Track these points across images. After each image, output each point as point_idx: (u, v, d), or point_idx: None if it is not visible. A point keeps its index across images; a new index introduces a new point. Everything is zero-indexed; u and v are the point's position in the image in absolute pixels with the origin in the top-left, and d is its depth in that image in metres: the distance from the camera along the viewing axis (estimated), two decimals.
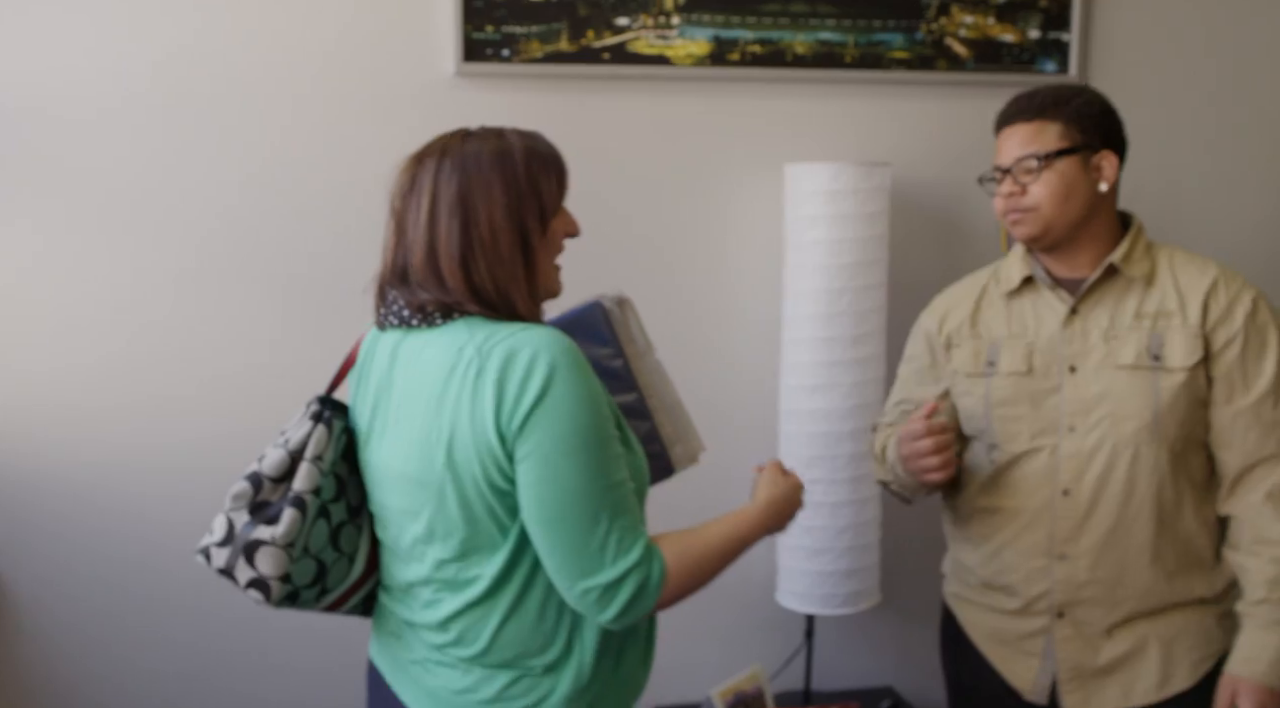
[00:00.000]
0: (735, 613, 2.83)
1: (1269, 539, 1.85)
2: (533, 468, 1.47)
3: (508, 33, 2.53)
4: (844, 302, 2.51)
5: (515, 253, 1.53)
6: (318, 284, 2.54)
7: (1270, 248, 3.00)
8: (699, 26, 2.62)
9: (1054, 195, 1.89)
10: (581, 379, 1.48)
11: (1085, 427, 1.91)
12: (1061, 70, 2.80)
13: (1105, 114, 1.93)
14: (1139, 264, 1.93)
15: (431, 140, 1.59)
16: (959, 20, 2.75)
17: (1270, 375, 1.87)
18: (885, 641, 2.92)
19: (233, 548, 1.58)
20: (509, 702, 1.57)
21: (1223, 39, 2.92)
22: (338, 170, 2.51)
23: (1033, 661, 2.00)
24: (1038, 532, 1.96)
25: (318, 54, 2.48)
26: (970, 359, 2.02)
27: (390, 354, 1.60)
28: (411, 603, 1.63)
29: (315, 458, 1.61)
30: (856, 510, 2.58)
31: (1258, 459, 1.88)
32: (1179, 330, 1.88)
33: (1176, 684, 1.94)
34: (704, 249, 2.70)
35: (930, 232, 2.81)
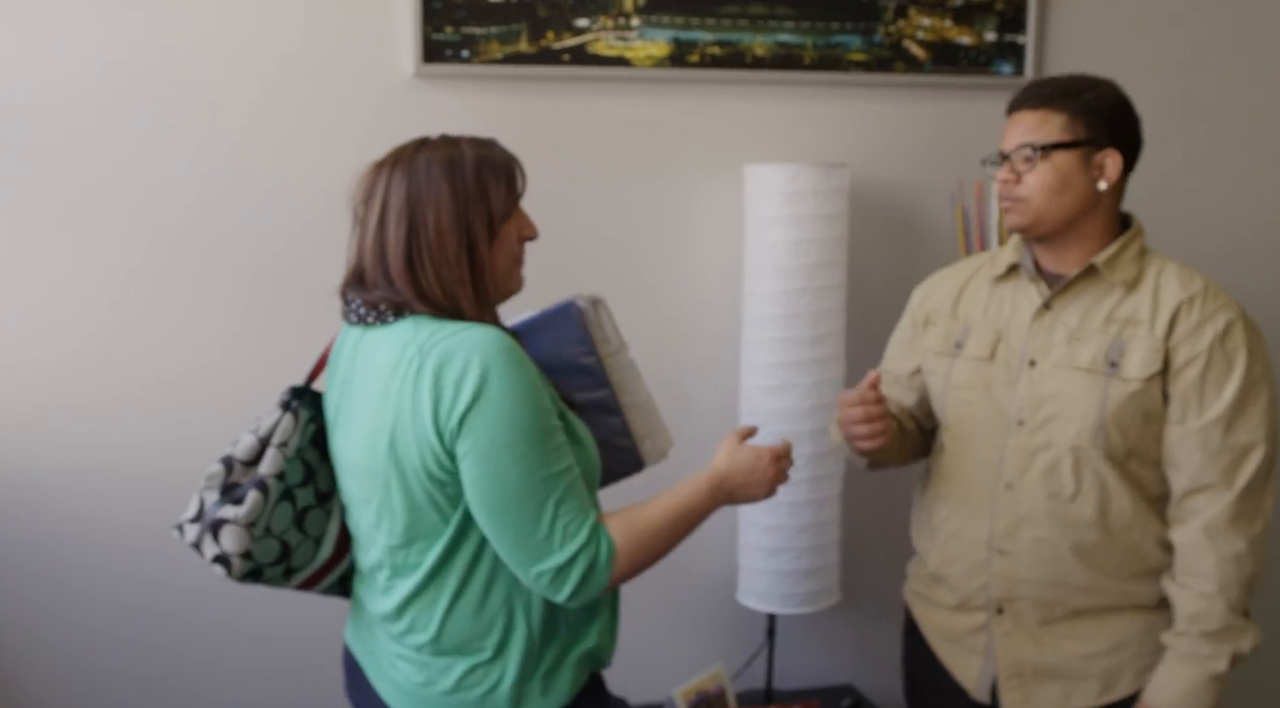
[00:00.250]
0: (696, 613, 2.84)
1: (1198, 573, 1.83)
2: (474, 464, 1.56)
3: (467, 34, 2.52)
4: (803, 303, 2.52)
5: (461, 255, 1.62)
6: (276, 284, 2.52)
7: (1224, 246, 3.04)
8: (658, 28, 2.63)
9: (1047, 188, 1.86)
10: (517, 376, 1.56)
11: (1033, 423, 1.90)
12: (1017, 73, 2.83)
13: (1117, 111, 1.89)
14: (1124, 269, 1.89)
15: (392, 149, 1.69)
16: (916, 23, 2.77)
17: (1228, 402, 1.82)
18: (845, 639, 2.94)
19: (201, 525, 1.68)
20: (467, 691, 1.67)
21: (1175, 42, 2.95)
22: (296, 170, 2.50)
23: (975, 658, 2.01)
24: (981, 524, 1.96)
25: (275, 54, 2.47)
26: (941, 339, 2.04)
27: (352, 350, 1.71)
28: (373, 589, 1.74)
29: (281, 444, 1.71)
30: (816, 510, 2.60)
31: (1199, 485, 1.84)
32: (1143, 340, 1.85)
33: (1120, 691, 1.93)
34: (664, 250, 2.71)
35: (888, 233, 2.83)
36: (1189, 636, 1.83)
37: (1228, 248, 3.05)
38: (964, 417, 1.99)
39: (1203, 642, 1.82)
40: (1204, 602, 1.82)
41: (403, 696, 1.71)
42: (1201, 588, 1.82)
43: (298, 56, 2.48)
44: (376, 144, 2.48)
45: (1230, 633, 1.82)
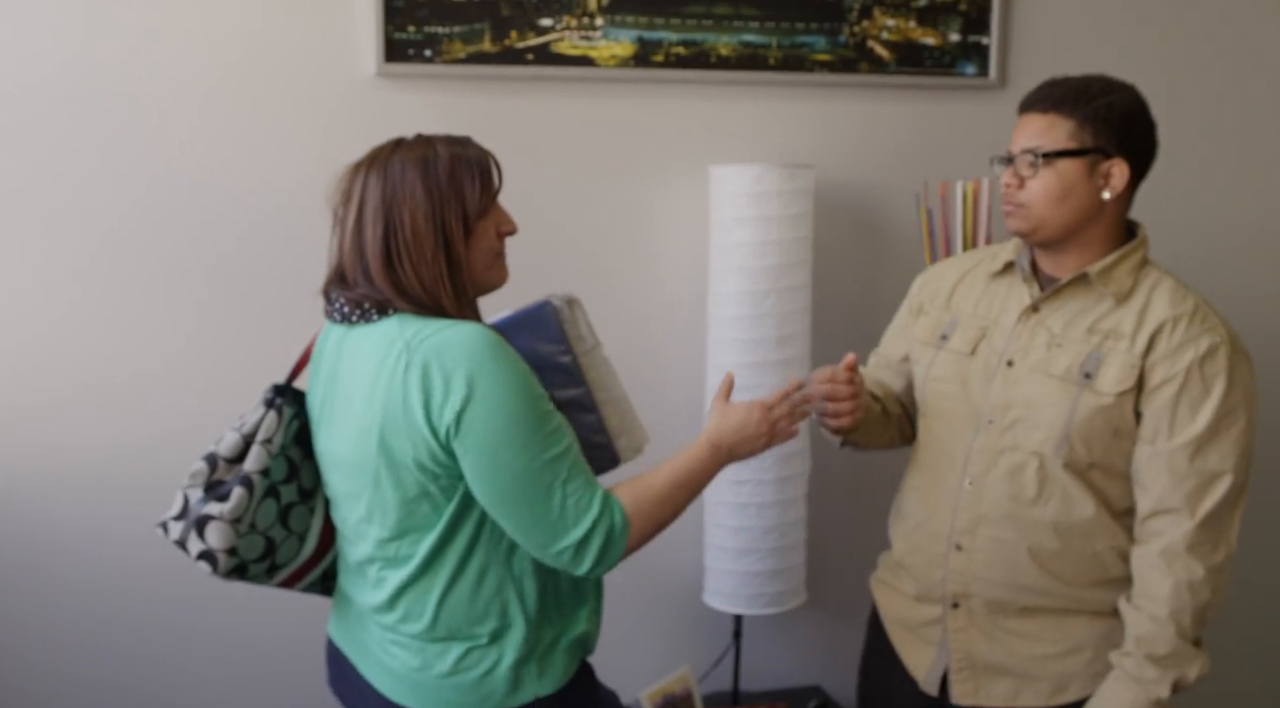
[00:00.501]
0: (663, 615, 2.83)
1: (1152, 596, 1.81)
2: (478, 461, 1.59)
3: (430, 33, 2.50)
4: (768, 304, 2.52)
5: (438, 253, 1.64)
6: (234, 283, 2.50)
7: (1190, 245, 3.06)
8: (623, 28, 2.61)
9: (1048, 196, 1.83)
10: (506, 368, 1.59)
11: (1001, 423, 1.90)
12: (982, 73, 2.84)
13: (1128, 119, 1.83)
14: (1118, 281, 1.86)
15: (369, 150, 1.71)
16: (881, 23, 2.77)
17: (1200, 427, 1.78)
18: (812, 640, 2.94)
19: (186, 522, 1.70)
20: (464, 673, 1.70)
21: (1139, 43, 2.97)
22: (256, 170, 2.47)
23: (929, 649, 2.02)
24: (943, 517, 1.96)
25: (235, 53, 2.44)
26: (929, 329, 2.04)
27: (336, 348, 1.73)
28: (362, 583, 1.76)
29: (265, 441, 1.74)
30: (782, 511, 2.59)
31: (1162, 508, 1.81)
32: (1121, 355, 1.82)
33: (1070, 694, 1.92)
34: (629, 251, 2.70)
35: (854, 234, 2.83)
36: (1135, 658, 1.81)
37: (1194, 249, 3.07)
38: (940, 409, 1.99)
39: (1148, 665, 1.80)
40: (1154, 625, 1.79)
41: (397, 682, 1.73)
42: (1153, 611, 1.79)
43: (258, 55, 2.45)
44: (338, 144, 2.47)
45: (1176, 659, 1.79)
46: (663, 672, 2.72)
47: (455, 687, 1.70)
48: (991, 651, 1.95)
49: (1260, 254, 3.14)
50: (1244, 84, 3.06)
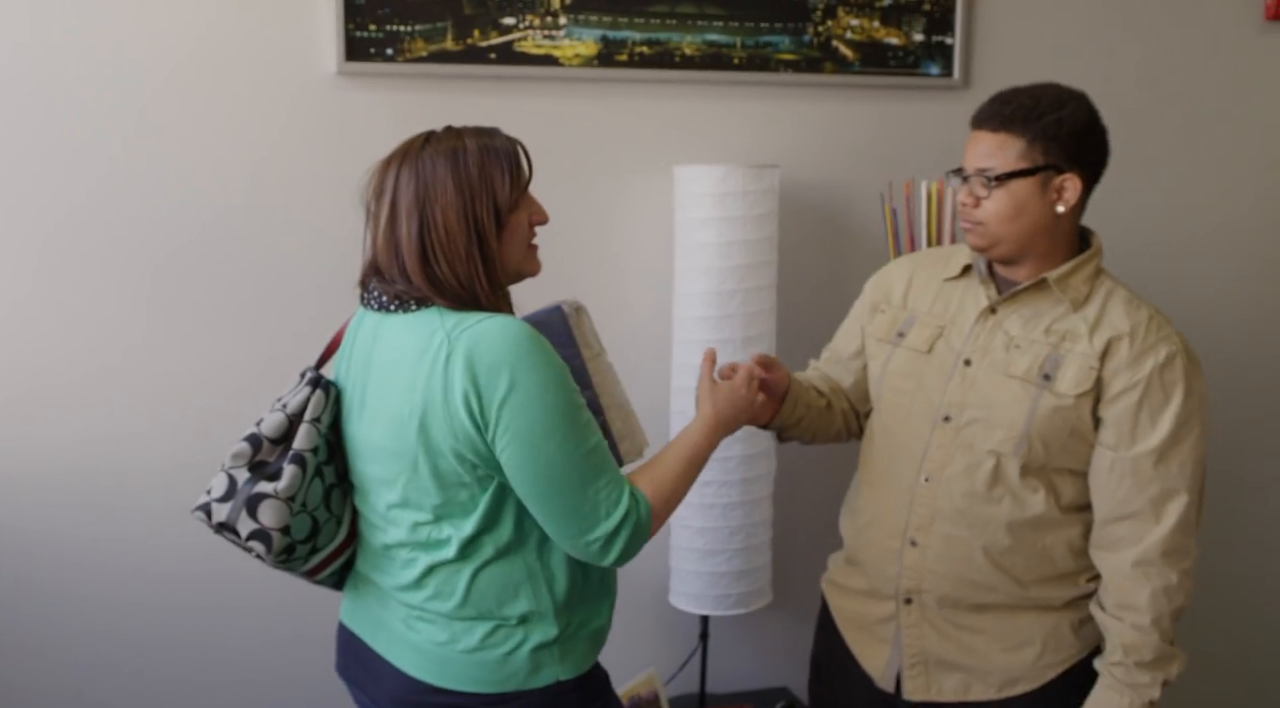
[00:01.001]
0: (629, 617, 2.81)
1: (1132, 605, 1.85)
2: (517, 452, 1.62)
3: (391, 31, 2.48)
4: (734, 304, 2.51)
5: (472, 249, 1.66)
6: (187, 282, 2.47)
7: (1147, 248, 3.08)
8: (586, 27, 2.60)
9: (1003, 215, 1.86)
10: (545, 361, 1.63)
11: (959, 421, 1.92)
12: (946, 73, 2.84)
13: (1077, 135, 1.86)
14: (1075, 288, 1.90)
15: (400, 144, 1.72)
16: (845, 23, 2.77)
17: (1163, 435, 1.83)
18: (779, 641, 2.93)
19: (234, 503, 1.70)
20: (489, 650, 1.72)
21: (1102, 43, 2.98)
22: (216, 168, 2.44)
23: (884, 647, 2.04)
24: (898, 513, 1.98)
25: (194, 50, 2.41)
26: (886, 326, 2.07)
27: (372, 335, 1.74)
28: (389, 566, 1.77)
29: (314, 420, 1.75)
30: (748, 512, 2.59)
31: (1124, 514, 1.85)
32: (1078, 358, 1.86)
33: (1020, 688, 1.96)
34: (594, 251, 2.68)
35: (819, 234, 2.82)
36: (1125, 666, 1.85)
37: (1152, 248, 3.08)
38: (895, 405, 2.01)
39: (1139, 672, 1.85)
40: (1139, 634, 1.84)
41: (422, 656, 1.74)
42: (1136, 620, 1.84)
43: (216, 53, 2.42)
44: (298, 143, 2.47)
45: (1163, 662, 1.85)
46: (629, 674, 2.70)
47: (479, 663, 1.72)
48: (943, 646, 1.98)
49: (1220, 252, 3.16)
50: (1206, 83, 3.08)
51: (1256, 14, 3.09)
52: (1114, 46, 2.99)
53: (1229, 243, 3.16)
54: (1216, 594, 3.27)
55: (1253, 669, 3.36)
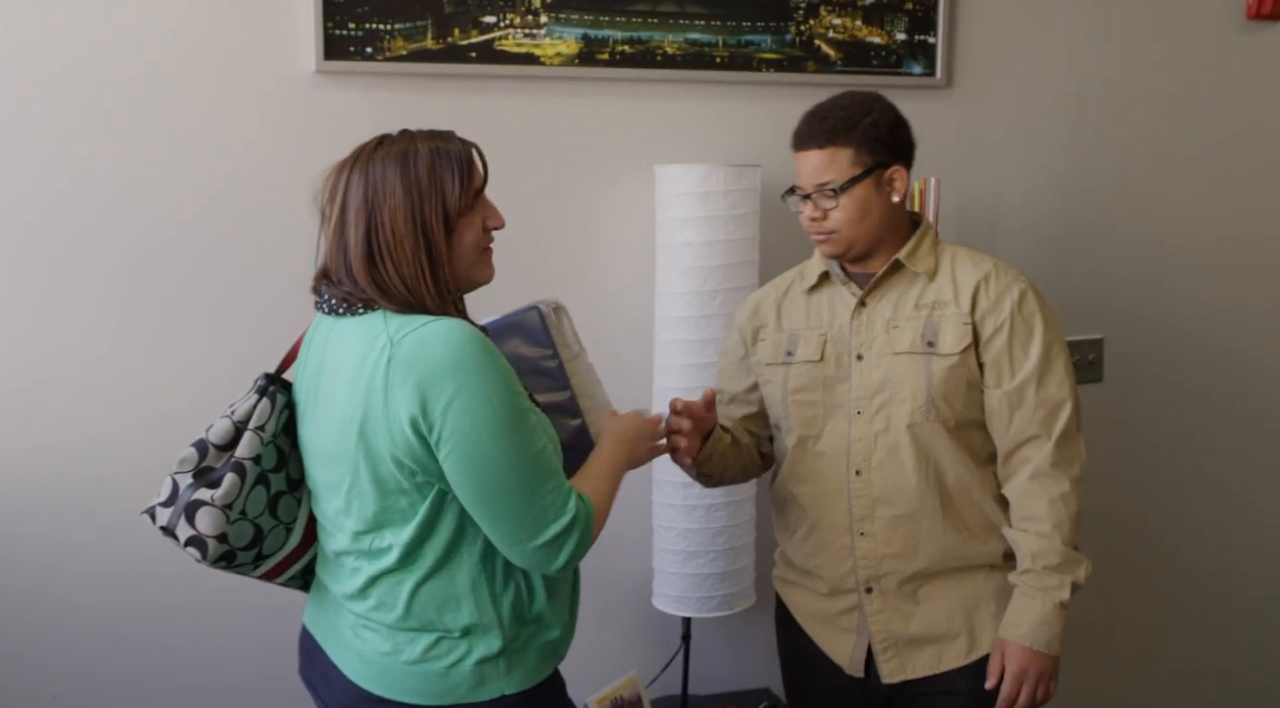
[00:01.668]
0: (611, 619, 2.81)
1: (1033, 516, 2.01)
2: (462, 458, 1.60)
3: (370, 30, 2.46)
4: (715, 304, 2.50)
5: (419, 252, 1.65)
6: (162, 283, 2.45)
7: (1131, 246, 3.08)
8: (567, 26, 2.58)
9: (852, 219, 2.03)
10: (489, 364, 1.61)
11: (870, 411, 2.07)
12: (928, 72, 2.83)
13: (893, 130, 2.05)
14: (923, 261, 2.08)
15: (355, 148, 1.71)
16: (827, 22, 2.76)
17: (1035, 360, 2.01)
18: (762, 642, 2.90)
19: (175, 508, 1.70)
20: (432, 662, 1.70)
21: (1084, 42, 2.98)
22: (193, 168, 2.42)
23: (849, 635, 2.14)
24: (838, 512, 2.10)
25: (171, 49, 2.39)
26: (772, 350, 2.18)
27: (324, 340, 1.74)
28: (339, 574, 1.77)
29: (257, 428, 1.74)
30: (731, 513, 2.58)
31: (1023, 439, 2.02)
32: (951, 319, 2.03)
33: (983, 648, 2.08)
34: (575, 251, 2.67)
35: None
36: (1034, 572, 2.00)
37: (1134, 245, 3.09)
38: (807, 417, 2.12)
39: (1047, 575, 1.99)
40: (1043, 541, 1.99)
41: (366, 665, 1.73)
42: (1039, 528, 2.00)
43: (192, 50, 2.40)
44: (276, 142, 2.45)
45: (1068, 565, 2.00)
46: (611, 676, 2.69)
47: (421, 675, 1.71)
48: (908, 625, 2.09)
49: (1202, 251, 3.16)
50: (1188, 82, 3.08)
51: (1238, 13, 3.10)
52: (1096, 45, 2.99)
53: (1211, 242, 3.16)
54: (1207, 592, 3.28)
55: (1236, 664, 3.37)
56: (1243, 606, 3.34)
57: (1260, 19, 3.09)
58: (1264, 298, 3.22)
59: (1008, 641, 2.01)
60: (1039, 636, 1.99)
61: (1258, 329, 3.23)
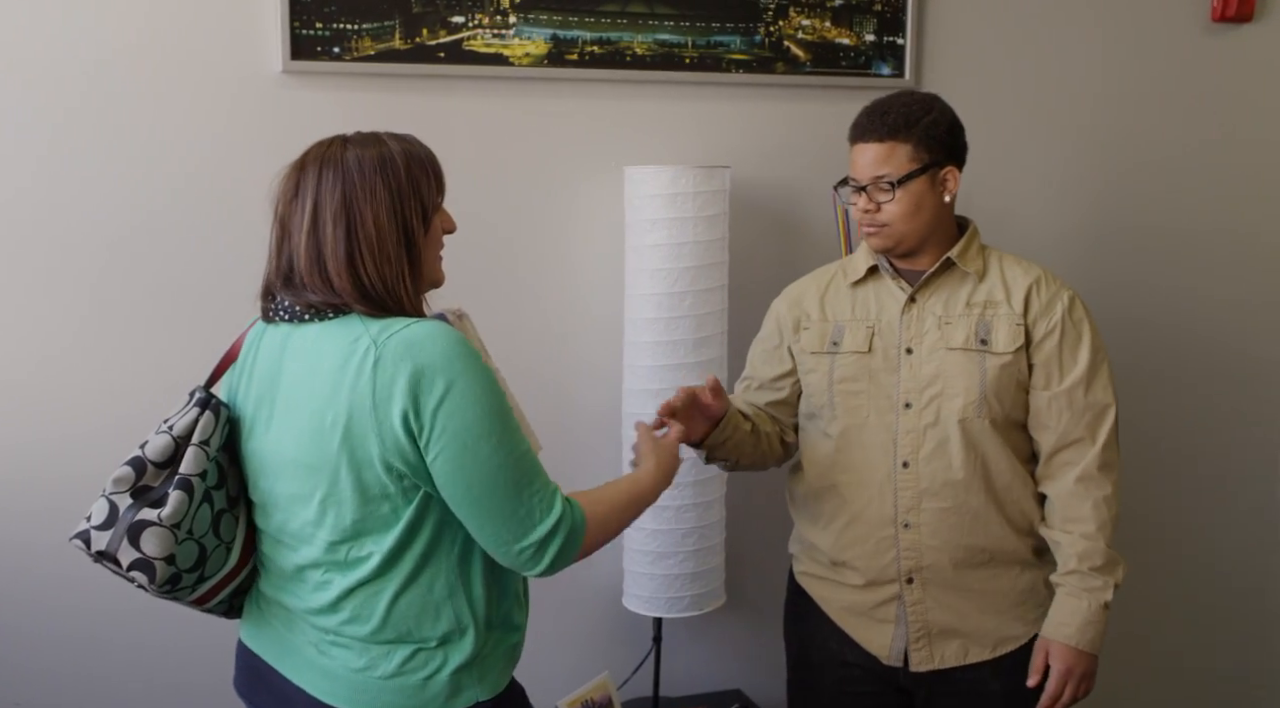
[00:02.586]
0: (582, 620, 2.80)
1: (1078, 518, 2.07)
2: (452, 457, 1.59)
3: (338, 29, 2.45)
4: (685, 305, 2.50)
5: (400, 251, 1.64)
6: (126, 286, 2.42)
7: (1095, 247, 3.10)
8: (536, 26, 2.58)
9: (906, 213, 2.06)
10: (477, 365, 1.61)
11: (920, 403, 2.09)
12: (897, 73, 2.84)
13: (951, 130, 2.09)
14: (973, 261, 2.12)
15: (310, 148, 1.68)
16: (796, 23, 2.77)
17: (1084, 365, 2.07)
18: (732, 643, 2.92)
19: (115, 531, 1.61)
20: (408, 675, 1.68)
21: (1050, 44, 3.00)
22: (158, 169, 2.40)
23: (888, 626, 2.16)
24: (883, 503, 2.12)
25: (136, 48, 2.37)
26: (817, 339, 2.19)
27: (279, 347, 1.68)
28: (299, 589, 1.71)
29: (202, 443, 1.67)
30: (701, 513, 2.58)
31: (1069, 441, 2.08)
32: (1004, 319, 2.08)
33: (1009, 645, 2.14)
34: (545, 252, 2.66)
35: (770, 234, 2.82)
36: (1080, 573, 2.05)
37: (1100, 243, 3.10)
38: (853, 407, 2.14)
39: (1092, 576, 2.05)
40: (1088, 542, 2.05)
41: (335, 682, 1.69)
42: (1084, 530, 2.05)
43: (158, 50, 2.38)
44: (242, 142, 2.44)
45: (1111, 566, 2.06)
46: (581, 678, 2.68)
47: (398, 688, 1.68)
48: (944, 615, 2.13)
49: (1169, 247, 3.18)
50: (1154, 83, 3.10)
51: (1203, 15, 3.12)
52: (1062, 47, 3.01)
53: (1178, 240, 3.18)
54: (1193, 586, 3.30)
55: (1219, 658, 3.39)
56: (1226, 599, 3.36)
57: (1225, 21, 3.11)
58: (1232, 293, 3.25)
59: (1053, 640, 2.06)
60: (1084, 635, 2.04)
61: (1227, 323, 3.26)
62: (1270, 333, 3.29)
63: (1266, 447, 3.33)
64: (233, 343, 1.80)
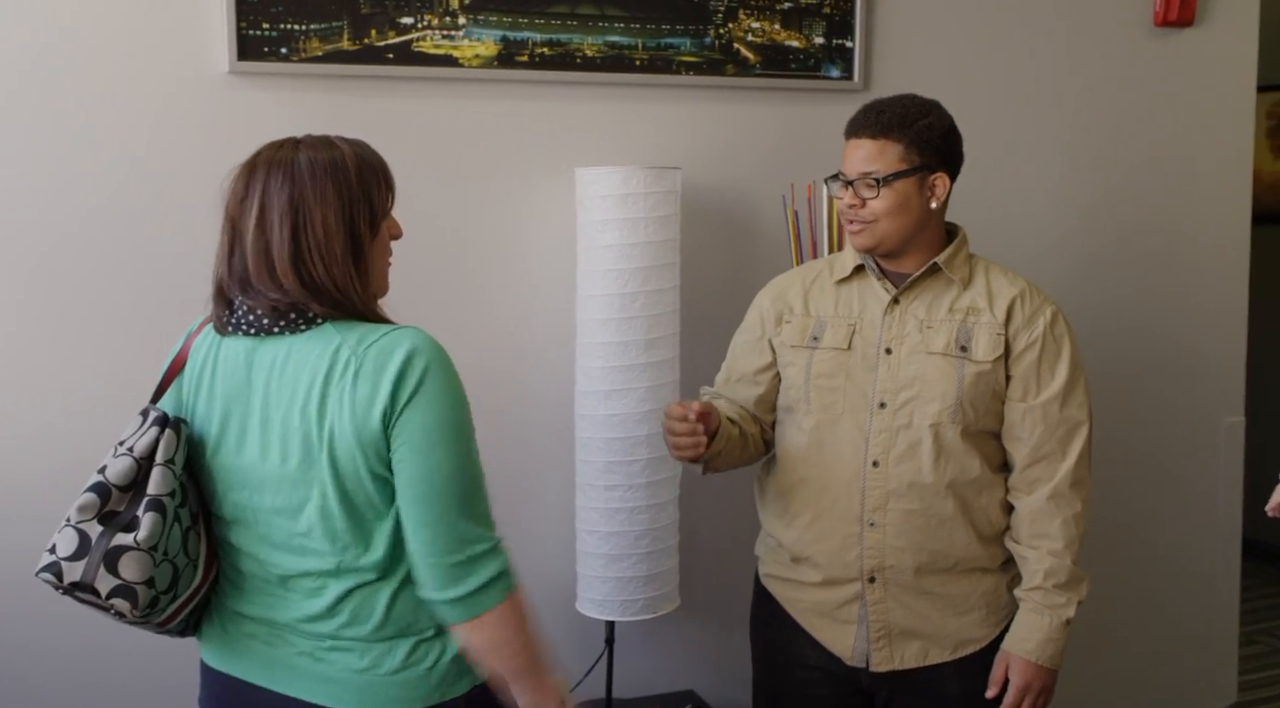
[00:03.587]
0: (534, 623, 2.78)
1: (1046, 534, 2.08)
2: (410, 452, 1.59)
3: (285, 30, 2.42)
4: (637, 306, 2.50)
5: (348, 254, 1.63)
6: (66, 288, 2.38)
7: (1041, 247, 3.13)
8: (486, 27, 2.57)
9: (889, 212, 2.06)
10: (452, 373, 1.63)
11: (894, 404, 2.10)
12: (846, 76, 2.86)
13: (946, 138, 2.09)
14: (959, 268, 2.13)
15: (261, 148, 1.68)
16: (746, 25, 2.78)
17: (1062, 381, 2.09)
18: (685, 645, 2.92)
19: (90, 559, 1.57)
20: (413, 668, 1.68)
21: (996, 47, 3.03)
22: (98, 167, 2.37)
23: (850, 627, 2.17)
24: (851, 501, 2.12)
25: (76, 46, 2.33)
26: (798, 333, 2.20)
27: (244, 361, 1.66)
28: (286, 599, 1.69)
29: (167, 462, 1.64)
30: (654, 515, 2.57)
31: (1040, 455, 2.10)
32: (985, 328, 2.09)
33: (970, 647, 2.16)
34: (496, 254, 2.65)
35: (722, 235, 2.83)
36: (1044, 590, 2.07)
37: (1036, 247, 3.14)
38: (828, 402, 2.15)
39: (1056, 593, 2.08)
40: (1054, 559, 2.07)
41: (339, 687, 1.68)
42: (1051, 547, 2.08)
43: (103, 50, 2.35)
44: (189, 144, 2.41)
45: (1075, 583, 2.09)
46: None
47: (405, 682, 1.68)
48: (905, 617, 2.14)
49: (1113, 253, 3.22)
50: (1097, 86, 3.15)
51: (1146, 20, 3.17)
52: (1008, 50, 3.04)
53: (1114, 241, 3.22)
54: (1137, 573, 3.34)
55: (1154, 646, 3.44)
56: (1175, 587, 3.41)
57: (1167, 25, 3.16)
58: (1167, 295, 3.30)
59: (1013, 655, 2.09)
60: (1045, 651, 2.07)
61: (1162, 323, 3.31)
62: (1201, 329, 3.35)
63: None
64: (175, 354, 1.76)
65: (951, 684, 2.15)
